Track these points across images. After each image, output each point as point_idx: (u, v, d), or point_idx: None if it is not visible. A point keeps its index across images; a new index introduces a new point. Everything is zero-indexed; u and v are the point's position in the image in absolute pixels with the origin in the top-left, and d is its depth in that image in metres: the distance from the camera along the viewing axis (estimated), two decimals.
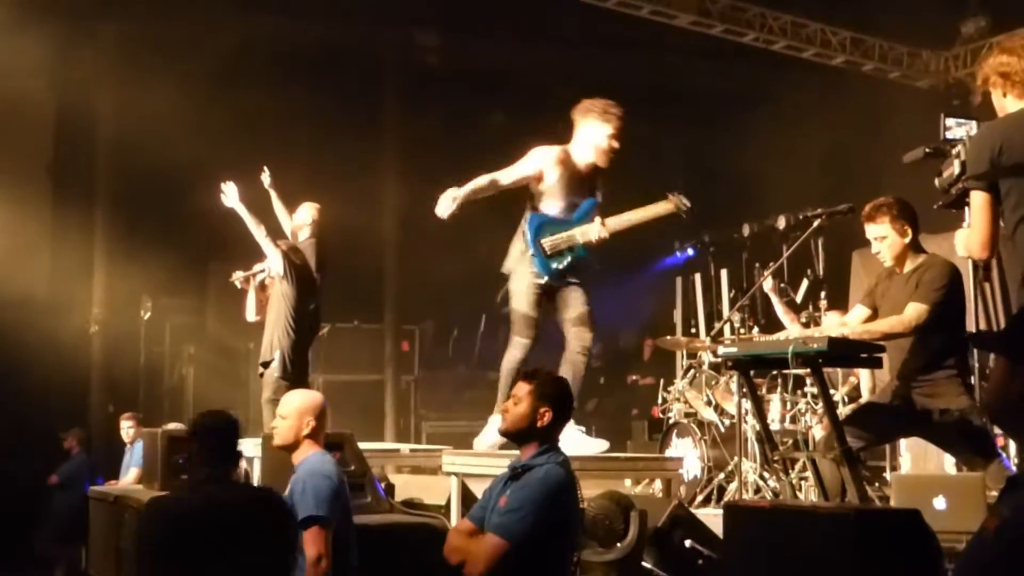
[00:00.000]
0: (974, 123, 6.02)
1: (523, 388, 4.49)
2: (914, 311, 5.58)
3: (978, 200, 4.59)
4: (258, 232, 8.39)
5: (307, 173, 12.96)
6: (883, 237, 5.76)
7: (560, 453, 4.50)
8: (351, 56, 13.51)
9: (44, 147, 13.51)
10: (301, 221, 8.90)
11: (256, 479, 8.14)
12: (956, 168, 4.89)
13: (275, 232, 8.66)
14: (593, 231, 6.71)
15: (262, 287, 8.82)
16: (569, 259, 6.72)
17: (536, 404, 4.44)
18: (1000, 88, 4.67)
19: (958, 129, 6.24)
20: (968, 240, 4.68)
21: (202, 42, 12.11)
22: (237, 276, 9.22)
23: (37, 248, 13.13)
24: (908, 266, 5.77)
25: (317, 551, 4.71)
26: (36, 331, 12.24)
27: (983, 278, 5.55)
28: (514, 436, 4.52)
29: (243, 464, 8.58)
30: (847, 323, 6.01)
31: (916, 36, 13.97)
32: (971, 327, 5.77)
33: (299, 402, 5.23)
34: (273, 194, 9.04)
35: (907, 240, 5.76)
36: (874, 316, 5.85)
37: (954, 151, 5.00)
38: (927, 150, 5.59)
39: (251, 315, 8.91)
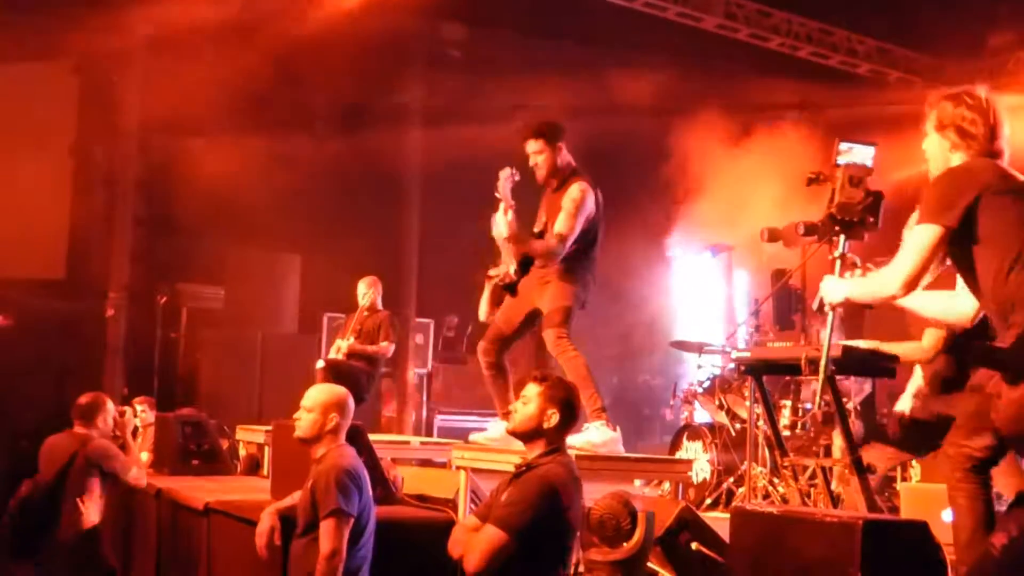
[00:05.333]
0: None
1: (533, 389, 4.55)
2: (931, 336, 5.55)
3: None
4: None
5: (328, 162, 13.00)
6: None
7: (566, 454, 4.55)
8: (376, 48, 13.51)
9: (67, 129, 13.52)
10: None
11: (266, 467, 8.18)
12: None
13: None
14: None
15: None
16: None
17: (544, 406, 4.50)
18: None
19: None
20: None
21: (228, 26, 12.12)
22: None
23: (56, 230, 13.17)
24: None
25: (332, 545, 4.71)
26: (53, 314, 12.28)
27: None
28: (521, 436, 4.58)
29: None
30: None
31: (942, 47, 13.91)
32: None
33: (325, 396, 5.16)
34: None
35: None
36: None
37: None
38: None
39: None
